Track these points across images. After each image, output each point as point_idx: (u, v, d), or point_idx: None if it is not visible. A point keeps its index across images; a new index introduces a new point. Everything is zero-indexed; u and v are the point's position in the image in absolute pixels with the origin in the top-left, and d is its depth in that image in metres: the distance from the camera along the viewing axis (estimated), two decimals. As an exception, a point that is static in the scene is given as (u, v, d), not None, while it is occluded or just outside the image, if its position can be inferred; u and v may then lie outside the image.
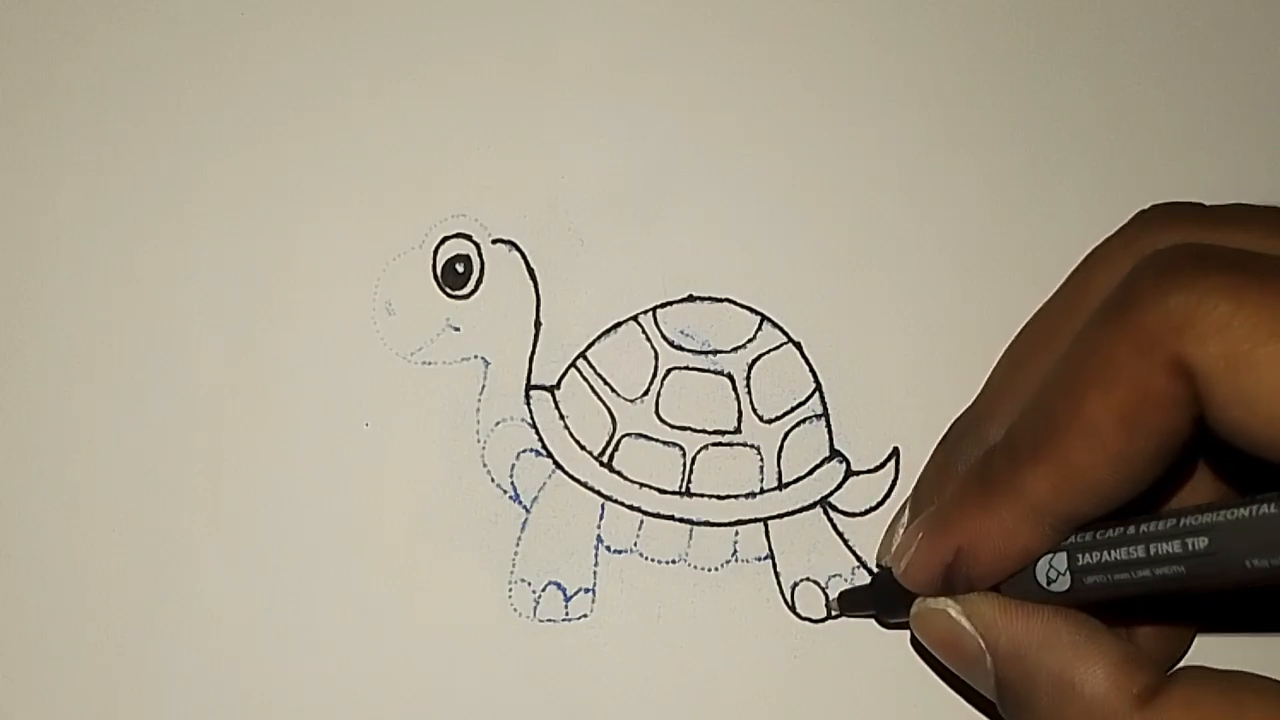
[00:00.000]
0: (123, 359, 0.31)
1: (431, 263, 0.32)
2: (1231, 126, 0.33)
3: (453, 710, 0.30)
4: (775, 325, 0.32)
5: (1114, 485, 0.23)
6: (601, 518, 0.31)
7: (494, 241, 0.32)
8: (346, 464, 0.31)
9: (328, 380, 0.31)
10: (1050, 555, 0.25)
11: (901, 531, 0.28)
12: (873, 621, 0.30)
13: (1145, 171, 0.32)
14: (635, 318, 0.31)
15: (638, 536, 0.31)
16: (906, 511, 0.29)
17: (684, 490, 0.31)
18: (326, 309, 0.31)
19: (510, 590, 0.30)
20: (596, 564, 0.31)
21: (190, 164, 0.32)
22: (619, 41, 0.32)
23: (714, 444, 0.31)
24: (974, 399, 0.28)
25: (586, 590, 0.30)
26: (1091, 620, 0.25)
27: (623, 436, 0.31)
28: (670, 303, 0.32)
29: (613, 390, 0.31)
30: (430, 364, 0.31)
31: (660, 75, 0.32)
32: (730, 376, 0.31)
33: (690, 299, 0.32)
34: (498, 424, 0.31)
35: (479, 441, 0.31)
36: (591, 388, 0.31)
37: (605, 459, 0.31)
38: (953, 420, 0.29)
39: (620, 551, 0.31)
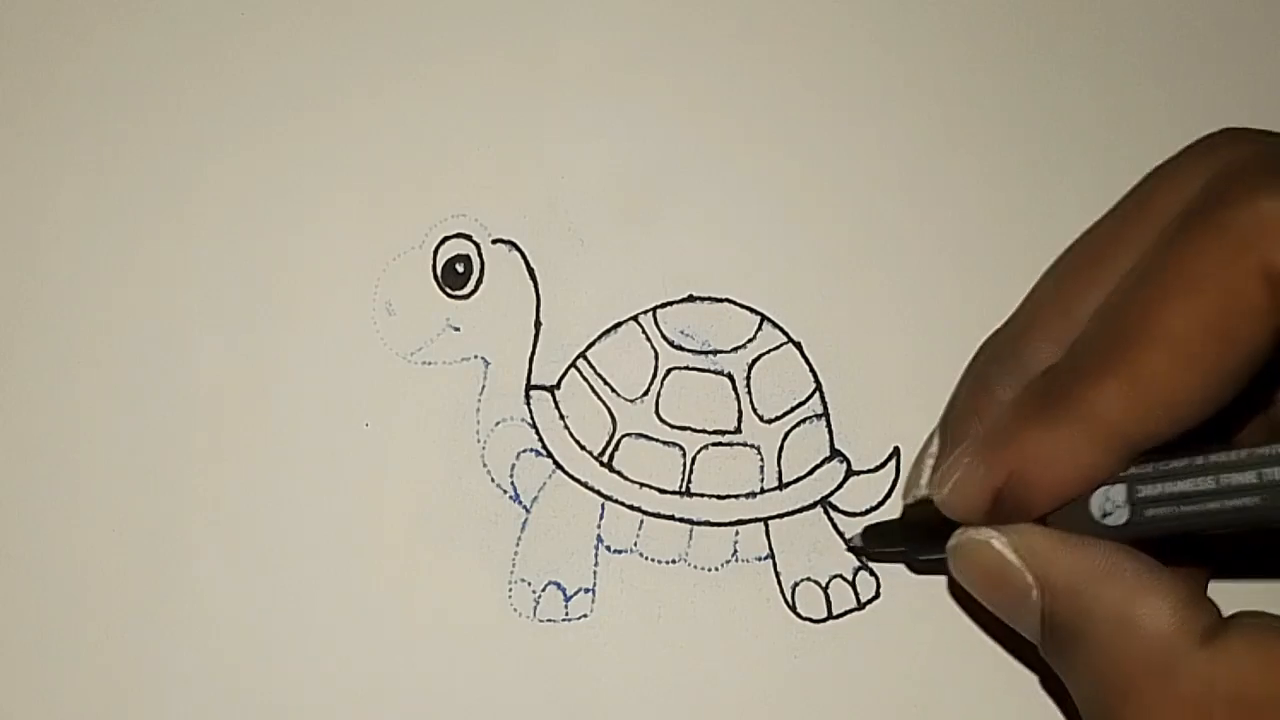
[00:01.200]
0: (123, 359, 0.31)
1: (431, 263, 0.32)
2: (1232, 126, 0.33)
3: (453, 710, 0.30)
4: (775, 325, 0.31)
5: (1192, 403, 0.22)
6: (601, 518, 0.31)
7: (494, 241, 0.32)
8: (346, 464, 0.31)
9: (328, 380, 0.31)
10: (1107, 486, 0.23)
11: (930, 462, 0.27)
12: (872, 622, 0.30)
13: (1145, 171, 0.32)
14: (635, 318, 0.31)
15: (638, 536, 0.31)
16: (935, 441, 0.27)
17: (684, 490, 0.31)
18: (326, 309, 0.31)
19: (510, 590, 0.30)
20: (596, 564, 0.31)
21: (190, 164, 0.32)
22: (619, 41, 0.32)
23: (714, 444, 0.31)
24: (1007, 319, 0.27)
25: (586, 590, 0.30)
26: (1149, 558, 0.23)
27: (623, 436, 0.31)
28: (670, 303, 0.32)
29: (613, 390, 0.31)
30: (430, 364, 0.31)
31: (660, 75, 0.32)
32: (730, 376, 0.31)
33: (690, 299, 0.32)
34: (498, 424, 0.31)
35: (479, 441, 0.31)
36: (591, 388, 0.31)
37: (605, 459, 0.31)
38: (981, 343, 0.27)
39: (620, 551, 0.31)
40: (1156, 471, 0.23)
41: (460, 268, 0.31)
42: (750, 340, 0.31)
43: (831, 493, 0.31)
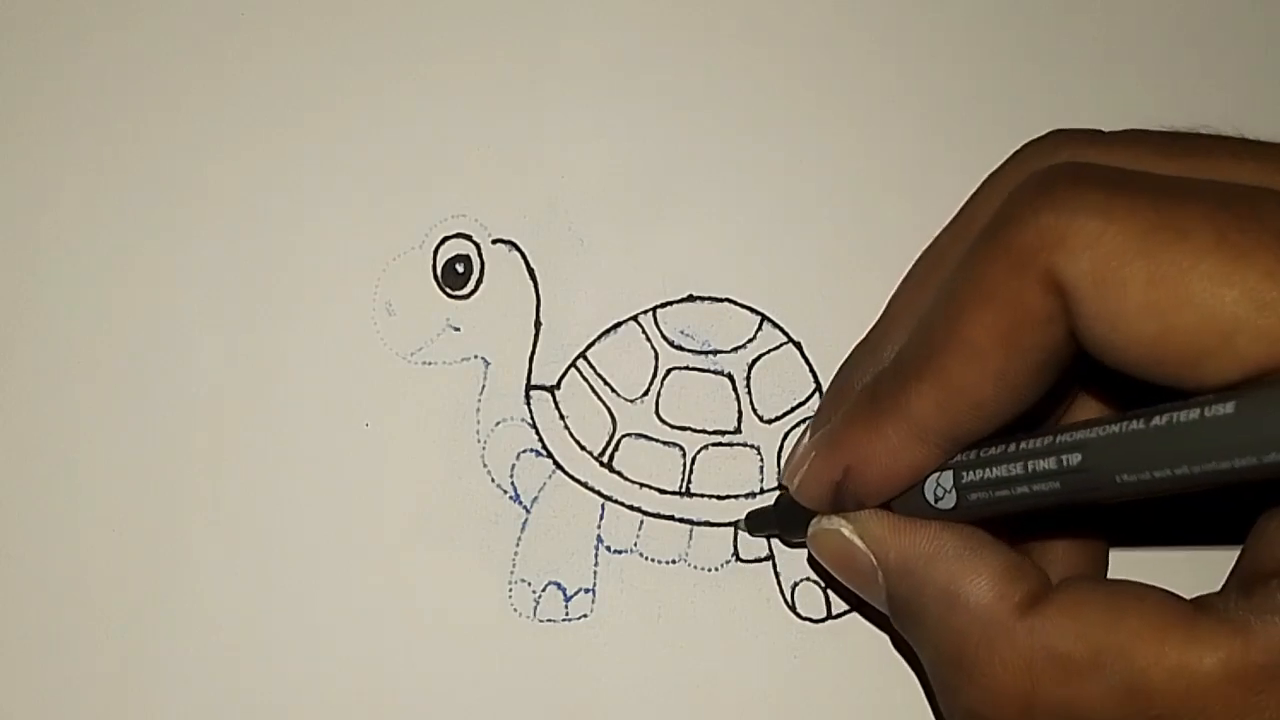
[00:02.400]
0: (123, 359, 0.31)
1: (431, 263, 0.32)
2: (1232, 126, 0.33)
3: (453, 710, 0.30)
4: (775, 325, 0.31)
5: (995, 403, 0.23)
6: (601, 518, 0.31)
7: (494, 241, 0.32)
8: (346, 464, 0.31)
9: (328, 380, 0.31)
10: (937, 473, 0.25)
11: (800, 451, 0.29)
12: (872, 621, 0.30)
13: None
14: (635, 318, 0.31)
15: (638, 536, 0.31)
16: (807, 431, 0.29)
17: (684, 490, 0.31)
18: (326, 309, 0.31)
19: (510, 590, 0.30)
20: (596, 564, 0.31)
21: (190, 164, 0.32)
22: (619, 41, 0.32)
23: (714, 444, 0.31)
24: (874, 322, 0.29)
25: (586, 590, 0.30)
26: (979, 533, 0.25)
27: (623, 436, 0.31)
28: (670, 303, 0.32)
29: (613, 390, 0.31)
30: (430, 364, 0.31)
31: (660, 75, 0.32)
32: (730, 376, 0.31)
33: (690, 299, 0.32)
34: (498, 424, 0.31)
35: (479, 441, 0.31)
36: (591, 388, 0.31)
37: (605, 459, 0.31)
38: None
39: (620, 551, 0.31)
40: (977, 458, 0.25)
41: (460, 268, 0.31)
42: (750, 340, 0.31)
43: (831, 493, 0.31)
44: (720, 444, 0.31)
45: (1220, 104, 0.33)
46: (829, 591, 0.30)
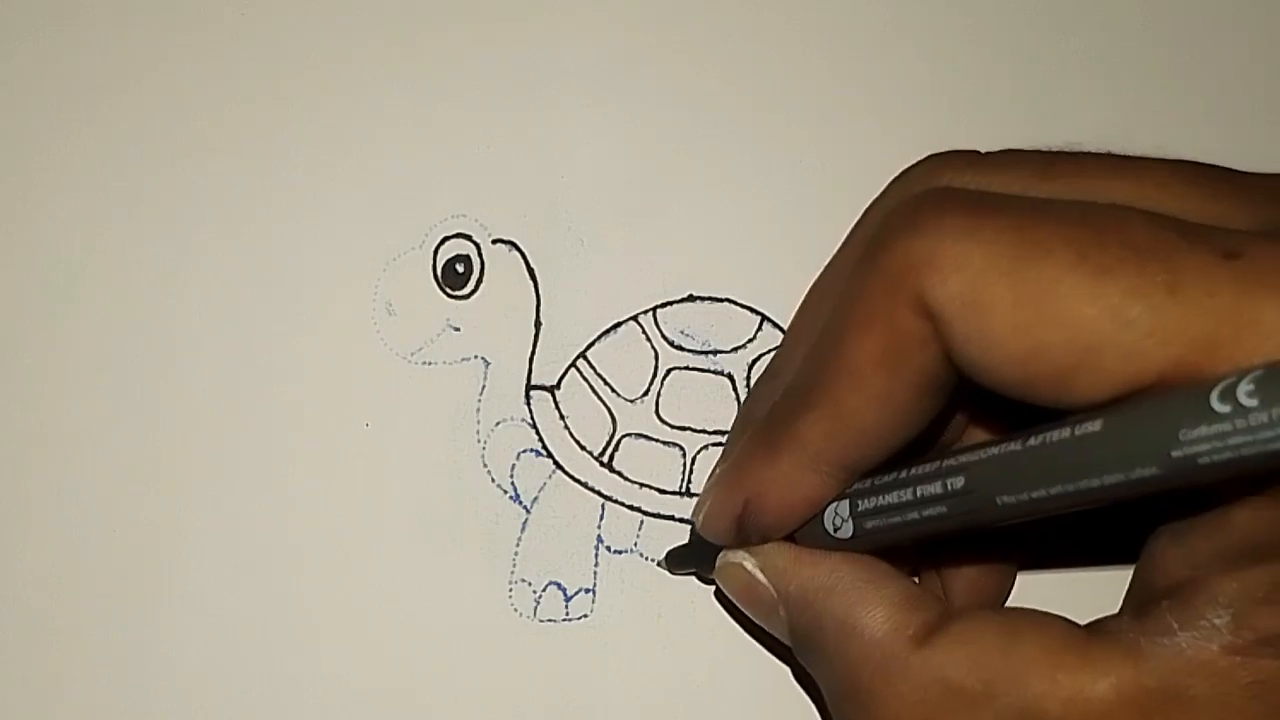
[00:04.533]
0: (123, 359, 0.31)
1: (431, 263, 0.32)
2: (1233, 126, 0.33)
3: (453, 710, 0.30)
4: (775, 325, 0.32)
5: (882, 429, 0.23)
6: (601, 518, 0.31)
7: (494, 241, 0.32)
8: (346, 464, 0.31)
9: (328, 380, 0.31)
10: (836, 503, 0.25)
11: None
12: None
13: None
14: (635, 318, 0.31)
15: (638, 536, 0.31)
16: (717, 465, 0.29)
17: (684, 490, 0.31)
18: (326, 309, 0.31)
19: (510, 590, 0.30)
20: (596, 564, 0.31)
21: (190, 164, 0.32)
22: (619, 41, 0.32)
23: (714, 444, 0.31)
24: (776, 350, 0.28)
25: (587, 590, 0.30)
26: (879, 564, 0.25)
27: (623, 436, 0.31)
28: (670, 303, 0.32)
29: (613, 390, 0.31)
30: (430, 364, 0.31)
31: (660, 75, 0.32)
32: (730, 376, 0.31)
33: (690, 299, 0.32)
34: (498, 424, 0.31)
35: (479, 441, 0.31)
36: (591, 388, 0.31)
37: (605, 459, 0.31)
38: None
39: (620, 551, 0.31)
40: (870, 486, 0.25)
41: (460, 268, 0.31)
42: (750, 340, 0.31)
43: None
44: (720, 444, 0.31)
45: (1222, 104, 0.33)
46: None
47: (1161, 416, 0.20)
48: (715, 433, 0.31)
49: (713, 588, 0.30)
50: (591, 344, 0.31)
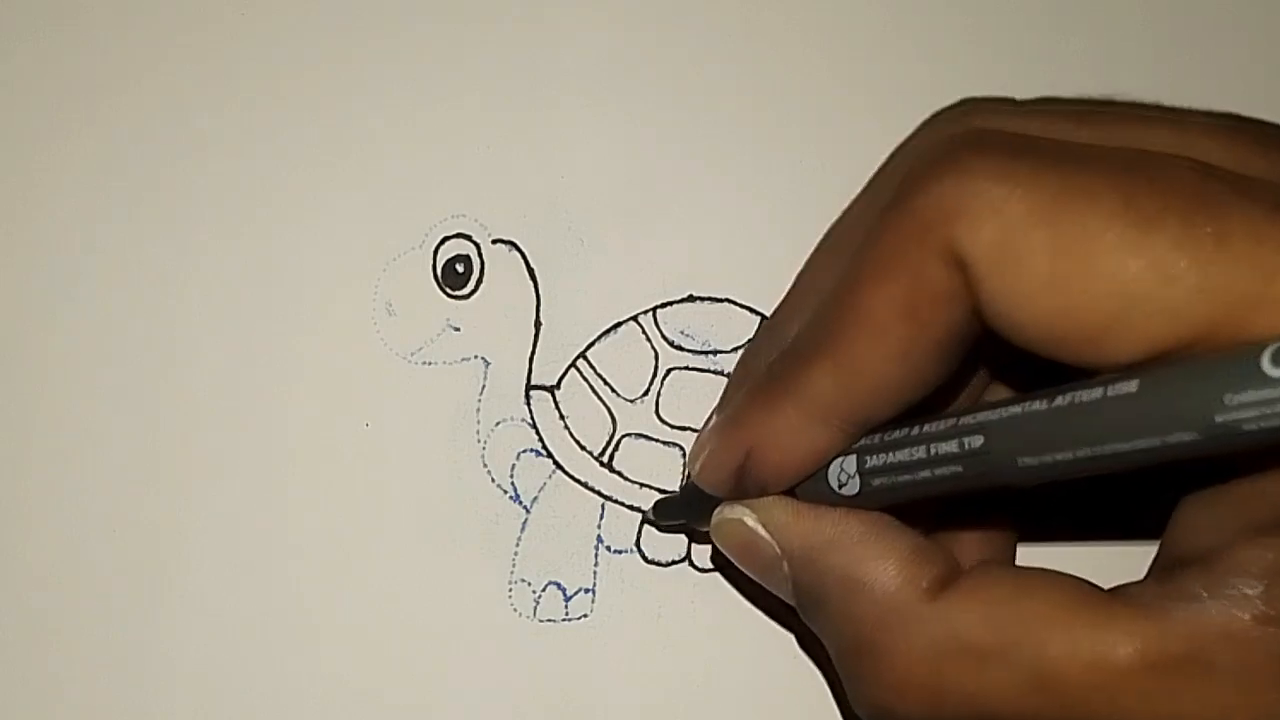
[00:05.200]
0: (122, 359, 0.31)
1: (431, 263, 0.32)
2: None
3: (453, 710, 0.30)
4: (775, 325, 0.31)
5: (898, 382, 0.22)
6: (601, 518, 0.31)
7: (494, 241, 0.32)
8: (346, 464, 0.31)
9: (328, 380, 0.31)
10: (841, 458, 0.24)
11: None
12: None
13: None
14: (635, 318, 0.31)
15: (638, 536, 0.31)
16: (713, 415, 0.27)
17: (684, 490, 0.31)
18: (326, 309, 0.31)
19: (510, 590, 0.30)
20: (596, 564, 0.31)
21: (190, 164, 0.32)
22: (619, 41, 0.32)
23: (714, 444, 0.31)
24: (780, 299, 0.28)
25: (586, 590, 0.30)
26: (885, 518, 0.24)
27: (623, 436, 0.31)
28: (670, 303, 0.32)
29: (613, 390, 0.31)
30: (430, 364, 0.31)
31: (660, 75, 0.32)
32: (730, 377, 0.31)
33: (690, 299, 0.32)
34: (498, 424, 0.31)
35: (479, 441, 0.31)
36: (591, 388, 0.31)
37: (605, 459, 0.31)
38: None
39: (620, 551, 0.31)
40: (881, 442, 0.23)
41: (460, 268, 0.31)
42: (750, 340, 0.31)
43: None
44: (720, 444, 0.31)
45: (1221, 104, 0.33)
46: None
47: (1206, 378, 0.18)
48: (715, 433, 0.31)
49: (708, 583, 0.30)
50: (591, 344, 0.31)
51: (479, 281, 0.31)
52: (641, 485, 0.31)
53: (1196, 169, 0.20)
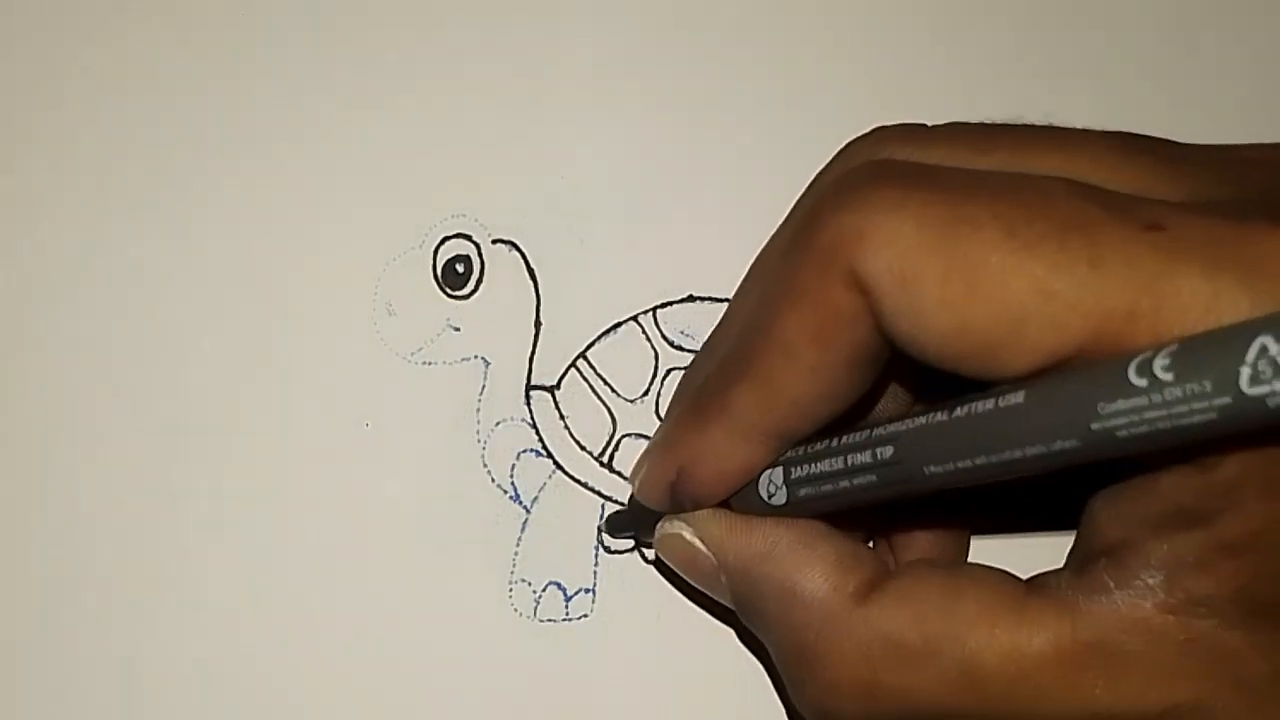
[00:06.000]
0: (123, 359, 0.31)
1: (431, 263, 0.32)
2: (1233, 127, 0.33)
3: (453, 710, 0.30)
4: (775, 325, 0.31)
5: (813, 400, 0.23)
6: (602, 518, 0.31)
7: (494, 241, 0.32)
8: (346, 464, 0.31)
9: (328, 380, 0.31)
10: (769, 470, 0.25)
11: None
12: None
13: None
14: (635, 318, 0.31)
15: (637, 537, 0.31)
16: (656, 432, 0.29)
17: (684, 490, 0.31)
18: (326, 309, 0.31)
19: (510, 590, 0.30)
20: (596, 564, 0.31)
21: (190, 164, 0.32)
22: (619, 41, 0.32)
23: (714, 444, 0.31)
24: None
25: (587, 590, 0.30)
26: (816, 526, 0.25)
27: (623, 437, 0.31)
28: (670, 303, 0.32)
29: (613, 390, 0.31)
30: (430, 364, 0.31)
31: (660, 75, 0.32)
32: (730, 376, 0.31)
33: (690, 299, 0.32)
34: (498, 424, 0.31)
35: (479, 441, 0.31)
36: (591, 388, 0.31)
37: (605, 459, 0.31)
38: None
39: (620, 551, 0.31)
40: (803, 454, 0.25)
41: (460, 268, 0.31)
42: (750, 340, 0.31)
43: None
44: (720, 444, 0.31)
45: (1222, 105, 0.33)
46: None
47: (1081, 390, 0.20)
48: (715, 433, 0.31)
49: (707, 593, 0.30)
50: (591, 344, 0.31)
51: (479, 281, 0.31)
52: (641, 485, 0.31)
53: (1075, 193, 0.21)
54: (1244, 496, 0.21)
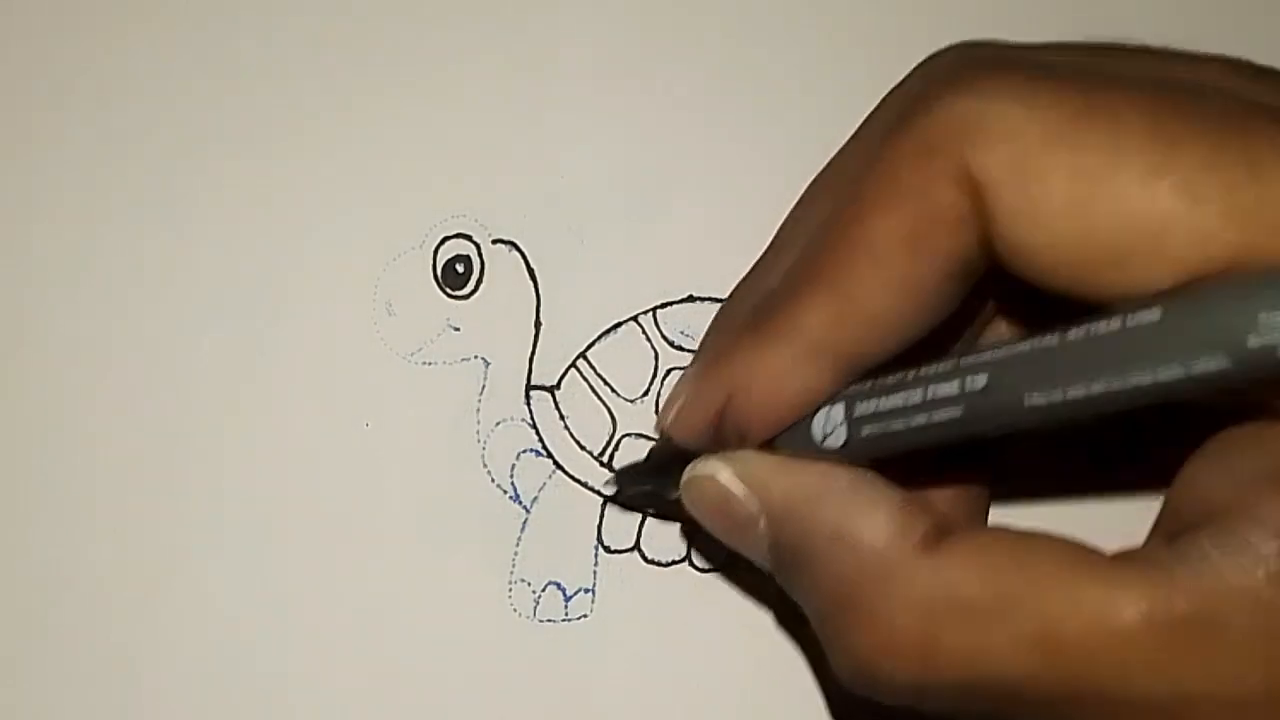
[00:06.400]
0: (122, 359, 0.31)
1: (431, 263, 0.32)
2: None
3: (453, 710, 0.30)
4: (775, 325, 0.31)
5: (898, 317, 0.21)
6: (601, 518, 0.31)
7: (494, 241, 0.32)
8: (346, 464, 0.31)
9: (328, 380, 0.31)
10: (828, 406, 0.22)
11: None
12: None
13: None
14: (635, 318, 0.31)
15: (638, 536, 0.31)
16: (690, 366, 0.26)
17: (684, 490, 0.31)
18: (326, 309, 0.31)
19: (510, 590, 0.30)
20: (596, 564, 0.31)
21: (190, 163, 0.32)
22: (619, 42, 0.32)
23: (714, 444, 0.31)
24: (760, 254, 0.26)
25: (586, 590, 0.30)
26: (870, 473, 0.22)
27: (623, 437, 0.31)
28: (670, 303, 0.32)
29: (613, 390, 0.31)
30: (430, 364, 0.31)
31: (660, 75, 0.32)
32: (730, 376, 0.31)
33: (690, 299, 0.32)
34: (498, 424, 0.31)
35: (479, 441, 0.31)
36: (591, 388, 0.31)
37: (605, 459, 0.31)
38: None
39: (620, 551, 0.31)
40: (873, 388, 0.22)
41: (460, 268, 0.31)
42: (750, 340, 0.31)
43: (831, 493, 0.31)
44: (720, 444, 0.31)
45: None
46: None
47: (1238, 300, 0.17)
48: (715, 433, 0.31)
49: (708, 583, 0.30)
50: (591, 344, 0.31)
51: (479, 281, 0.31)
52: (641, 485, 0.31)
53: (1225, 94, 0.19)
54: None
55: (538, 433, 0.31)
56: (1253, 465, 0.19)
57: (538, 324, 0.31)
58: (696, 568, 0.31)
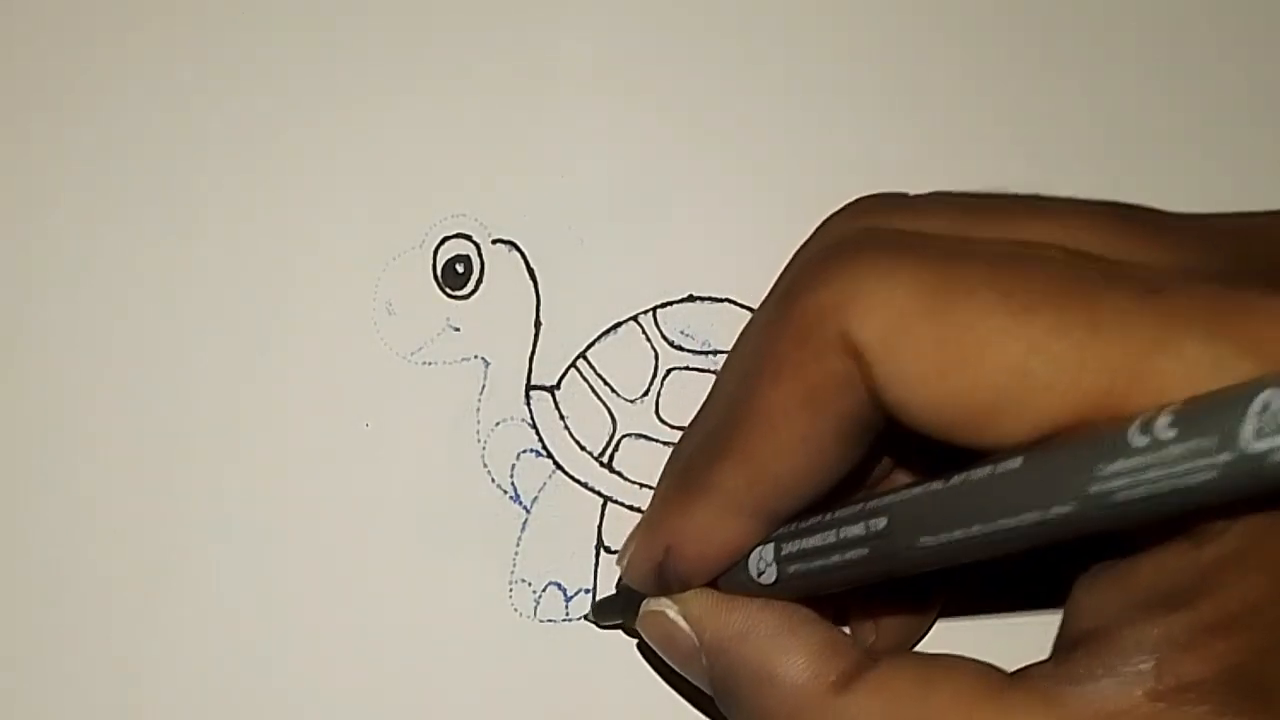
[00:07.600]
0: (123, 359, 0.31)
1: (431, 263, 0.32)
2: (1232, 128, 0.33)
3: (453, 710, 0.30)
4: (775, 325, 0.31)
5: (802, 474, 0.23)
6: (601, 518, 0.31)
7: (494, 241, 0.32)
8: (346, 464, 0.31)
9: (328, 380, 0.31)
10: (761, 547, 0.24)
11: None
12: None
13: (1144, 173, 0.32)
14: (635, 318, 0.31)
15: (638, 536, 0.31)
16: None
17: (684, 490, 0.31)
18: (326, 309, 0.31)
19: (510, 590, 0.30)
20: (596, 564, 0.31)
21: (190, 164, 0.32)
22: (619, 41, 0.32)
23: (714, 444, 0.31)
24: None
25: (587, 590, 0.30)
26: (800, 610, 0.24)
27: (623, 437, 0.31)
28: (670, 303, 0.32)
29: (613, 390, 0.31)
30: (430, 364, 0.31)
31: (660, 75, 0.32)
32: (730, 376, 0.31)
33: (690, 299, 0.32)
34: (498, 424, 0.31)
35: (479, 441, 0.31)
36: (591, 388, 0.31)
37: (605, 459, 0.31)
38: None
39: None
40: (795, 530, 0.24)
41: (460, 268, 0.31)
42: (750, 340, 0.31)
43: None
44: (720, 444, 0.31)
45: (1221, 105, 0.33)
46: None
47: (1079, 451, 0.19)
48: (715, 433, 0.31)
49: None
50: (591, 344, 0.31)
51: (479, 281, 0.31)
52: (641, 485, 0.31)
53: (1069, 258, 0.21)
54: (1241, 568, 0.20)
55: (538, 433, 0.31)
56: (1131, 591, 0.21)
57: (538, 324, 0.31)
58: (696, 568, 0.31)
